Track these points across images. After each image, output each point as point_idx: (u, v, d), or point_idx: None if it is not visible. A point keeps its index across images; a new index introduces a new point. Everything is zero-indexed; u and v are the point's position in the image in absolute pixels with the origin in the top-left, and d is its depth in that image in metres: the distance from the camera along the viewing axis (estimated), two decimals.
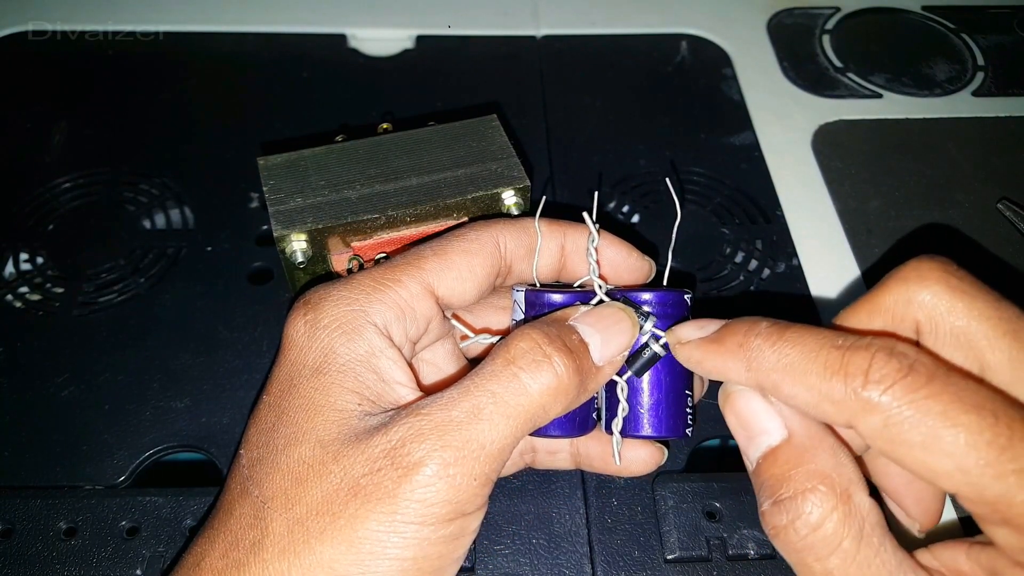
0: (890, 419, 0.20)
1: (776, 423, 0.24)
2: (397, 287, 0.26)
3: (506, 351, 0.24)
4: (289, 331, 0.26)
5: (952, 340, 0.22)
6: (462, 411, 0.23)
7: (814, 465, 0.22)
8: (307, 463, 0.23)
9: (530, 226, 0.28)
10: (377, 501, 0.22)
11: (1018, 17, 0.57)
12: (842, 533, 0.21)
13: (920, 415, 0.20)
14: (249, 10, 0.54)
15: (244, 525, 0.23)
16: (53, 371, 0.35)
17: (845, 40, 0.55)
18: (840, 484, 0.22)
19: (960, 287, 0.22)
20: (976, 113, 0.50)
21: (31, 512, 0.31)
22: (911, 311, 0.23)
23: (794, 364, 0.22)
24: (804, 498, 0.22)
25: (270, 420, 0.25)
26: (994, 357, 0.21)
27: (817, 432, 0.23)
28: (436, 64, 0.52)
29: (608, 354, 0.26)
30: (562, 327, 0.25)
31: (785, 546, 0.23)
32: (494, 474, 0.23)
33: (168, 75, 0.50)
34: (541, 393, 0.23)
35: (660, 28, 0.55)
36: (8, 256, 0.40)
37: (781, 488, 0.23)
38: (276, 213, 0.31)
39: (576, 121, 0.48)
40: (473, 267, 0.27)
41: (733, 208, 0.44)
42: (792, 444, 0.23)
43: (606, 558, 0.31)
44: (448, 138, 0.34)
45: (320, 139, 0.34)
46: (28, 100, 0.49)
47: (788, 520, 0.22)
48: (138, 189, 0.43)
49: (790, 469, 0.23)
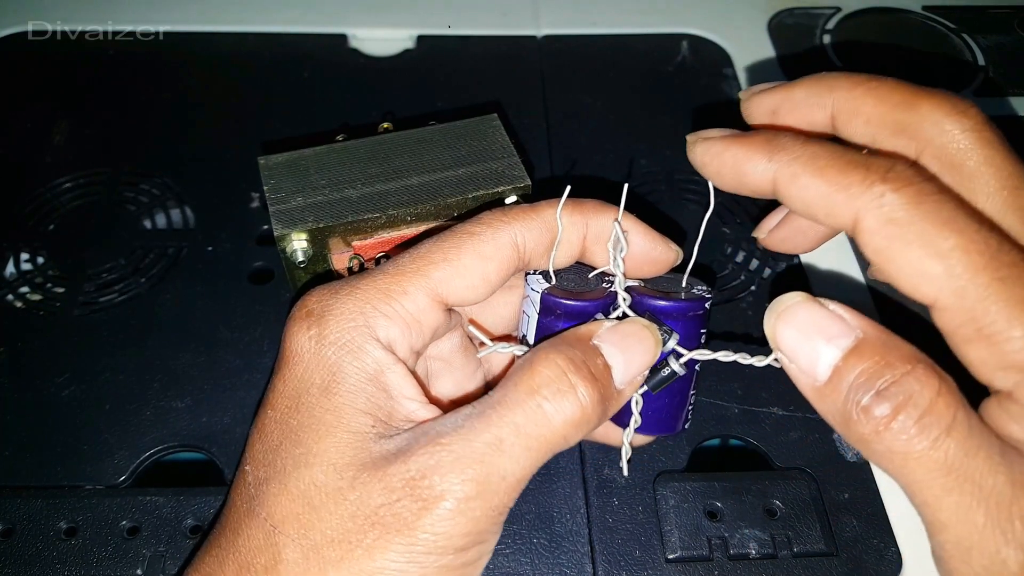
0: (895, 215, 0.22)
1: (848, 321, 0.22)
2: (403, 300, 0.25)
3: (530, 378, 0.23)
4: (293, 344, 0.25)
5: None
6: (484, 442, 0.22)
7: (903, 350, 0.22)
8: (321, 488, 0.22)
9: (551, 219, 0.26)
10: (396, 532, 0.21)
11: (1019, 17, 0.57)
12: (955, 404, 0.21)
13: (924, 216, 0.21)
14: (249, 10, 0.54)
15: (254, 548, 0.23)
16: (53, 371, 0.35)
17: (846, 40, 0.55)
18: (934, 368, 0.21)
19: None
20: None
21: (31, 512, 0.31)
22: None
23: (818, 155, 0.24)
24: (909, 378, 0.21)
25: (276, 437, 0.24)
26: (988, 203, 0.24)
27: (886, 332, 0.22)
28: (437, 64, 0.52)
29: (630, 375, 0.25)
30: (586, 350, 0.24)
31: (894, 441, 0.21)
32: (512, 502, 0.23)
33: (168, 75, 0.50)
34: (564, 425, 0.23)
35: (661, 28, 0.55)
36: (8, 256, 0.40)
37: (880, 378, 0.21)
38: (277, 212, 0.31)
39: (576, 121, 0.48)
40: (487, 274, 0.25)
41: (734, 207, 0.44)
42: (871, 339, 0.22)
43: (607, 558, 0.31)
44: (449, 137, 0.34)
45: (321, 139, 0.34)
46: (28, 100, 0.49)
47: (897, 406, 0.21)
48: (138, 189, 0.43)
49: (883, 357, 0.21)
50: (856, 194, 0.22)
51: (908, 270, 0.22)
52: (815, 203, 0.23)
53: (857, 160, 0.23)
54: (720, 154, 0.26)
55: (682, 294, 0.27)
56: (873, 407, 0.21)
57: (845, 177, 0.23)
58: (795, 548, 0.31)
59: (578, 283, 0.28)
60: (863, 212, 0.22)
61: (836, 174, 0.23)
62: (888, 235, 0.22)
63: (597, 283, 0.28)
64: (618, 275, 0.27)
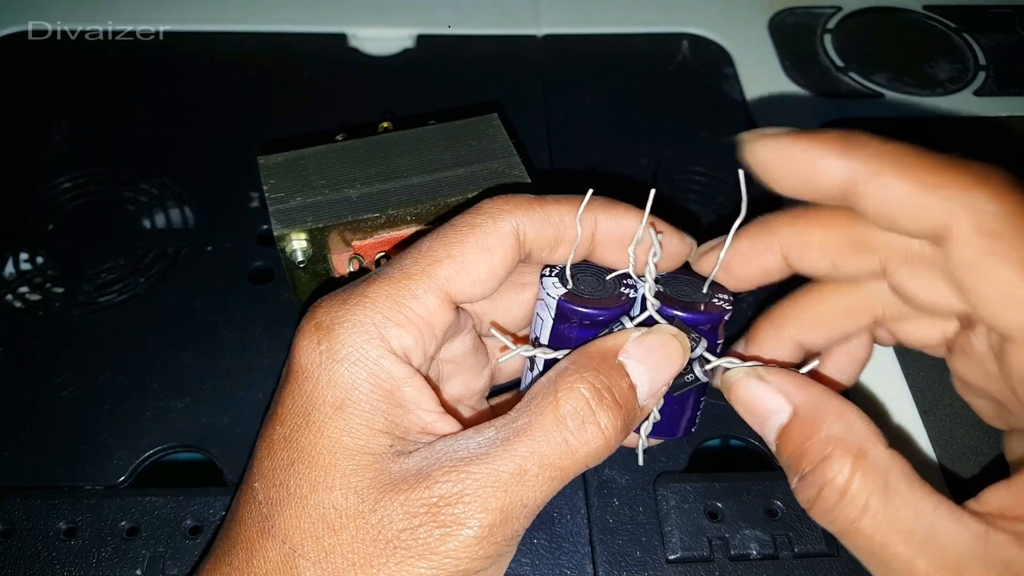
0: (991, 226, 0.20)
1: (779, 400, 0.24)
2: (414, 304, 0.24)
3: (555, 407, 0.23)
4: (301, 358, 0.24)
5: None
6: (508, 472, 0.22)
7: (824, 432, 0.22)
8: (341, 511, 0.22)
9: (553, 213, 0.25)
10: (419, 558, 0.21)
11: (1019, 17, 0.57)
12: (867, 491, 0.21)
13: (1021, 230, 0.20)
14: (249, 10, 0.54)
15: (271, 570, 0.22)
16: (53, 371, 0.35)
17: (846, 39, 0.55)
18: (853, 444, 0.22)
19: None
20: (978, 113, 0.50)
21: (31, 512, 0.31)
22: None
23: (902, 152, 0.22)
24: (823, 468, 0.22)
25: (287, 456, 0.23)
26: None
27: (820, 398, 0.23)
28: (437, 63, 0.52)
29: (655, 390, 0.25)
30: (611, 372, 0.24)
31: (821, 518, 0.23)
32: (530, 523, 0.23)
33: (168, 75, 0.50)
34: (588, 456, 0.23)
35: (661, 27, 0.55)
36: (8, 256, 0.40)
37: (802, 463, 0.23)
38: (276, 212, 0.31)
39: (577, 120, 0.48)
40: (493, 267, 0.25)
41: (735, 207, 0.44)
42: (800, 418, 0.23)
43: (608, 558, 0.30)
44: (449, 137, 0.34)
45: (320, 138, 0.34)
46: (28, 100, 0.48)
47: (816, 492, 0.22)
48: (138, 189, 0.43)
49: (804, 442, 0.23)
50: (948, 197, 0.20)
51: (996, 290, 0.20)
52: (900, 205, 0.21)
53: (948, 160, 0.21)
54: (786, 152, 0.23)
55: (702, 305, 0.26)
56: (798, 491, 0.23)
57: (936, 177, 0.21)
58: (796, 549, 0.31)
59: (595, 286, 0.27)
60: (954, 218, 0.20)
61: (925, 174, 0.21)
62: (981, 247, 0.20)
63: (615, 286, 0.27)
64: (648, 280, 0.26)
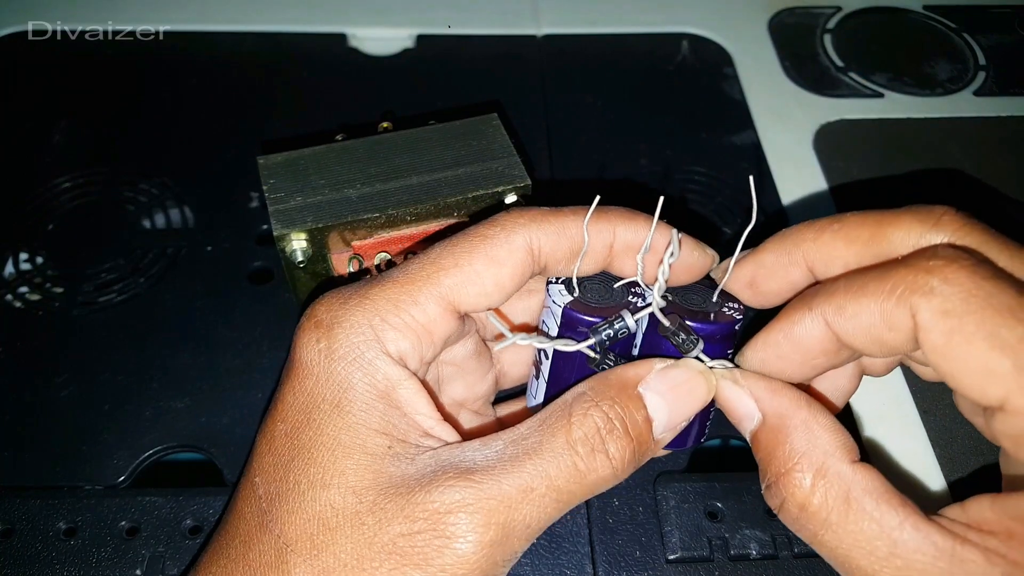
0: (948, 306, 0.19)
1: (751, 406, 0.24)
2: (413, 309, 0.24)
3: (568, 431, 0.23)
4: (302, 355, 0.24)
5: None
6: (513, 487, 0.22)
7: (788, 445, 0.23)
8: (338, 510, 0.22)
9: (570, 225, 0.25)
10: (414, 566, 0.21)
11: (1019, 17, 0.57)
12: (827, 507, 0.21)
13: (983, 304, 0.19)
14: (249, 10, 0.54)
15: (264, 564, 0.22)
16: (53, 371, 0.35)
17: (846, 39, 0.55)
18: (815, 460, 0.22)
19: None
20: (978, 113, 0.50)
21: (31, 512, 0.31)
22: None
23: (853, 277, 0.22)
24: (784, 482, 0.22)
25: (287, 451, 0.23)
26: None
27: (788, 408, 0.23)
28: (436, 63, 0.52)
29: (673, 424, 0.24)
30: (628, 402, 0.24)
31: (789, 526, 0.23)
32: (527, 547, 0.23)
33: (168, 75, 0.50)
34: (595, 483, 0.23)
35: (661, 27, 0.55)
36: (8, 256, 0.40)
37: (768, 473, 0.23)
38: (276, 212, 0.31)
39: (577, 120, 0.48)
40: (501, 279, 0.24)
41: (734, 207, 0.44)
42: (767, 426, 0.23)
43: (607, 558, 0.30)
44: (448, 137, 0.34)
45: (320, 138, 0.34)
46: (28, 100, 0.48)
47: (780, 503, 0.23)
48: (138, 189, 0.43)
49: (769, 452, 0.23)
50: (905, 294, 0.20)
51: (970, 368, 0.19)
52: (872, 326, 0.21)
53: (895, 261, 0.21)
54: (776, 350, 0.24)
55: (712, 314, 0.26)
56: (766, 497, 0.23)
57: (886, 282, 0.21)
58: (796, 548, 0.31)
59: (602, 294, 0.26)
60: (916, 310, 0.20)
61: (877, 284, 0.21)
62: (945, 330, 0.19)
63: (623, 295, 0.26)
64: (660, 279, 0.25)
